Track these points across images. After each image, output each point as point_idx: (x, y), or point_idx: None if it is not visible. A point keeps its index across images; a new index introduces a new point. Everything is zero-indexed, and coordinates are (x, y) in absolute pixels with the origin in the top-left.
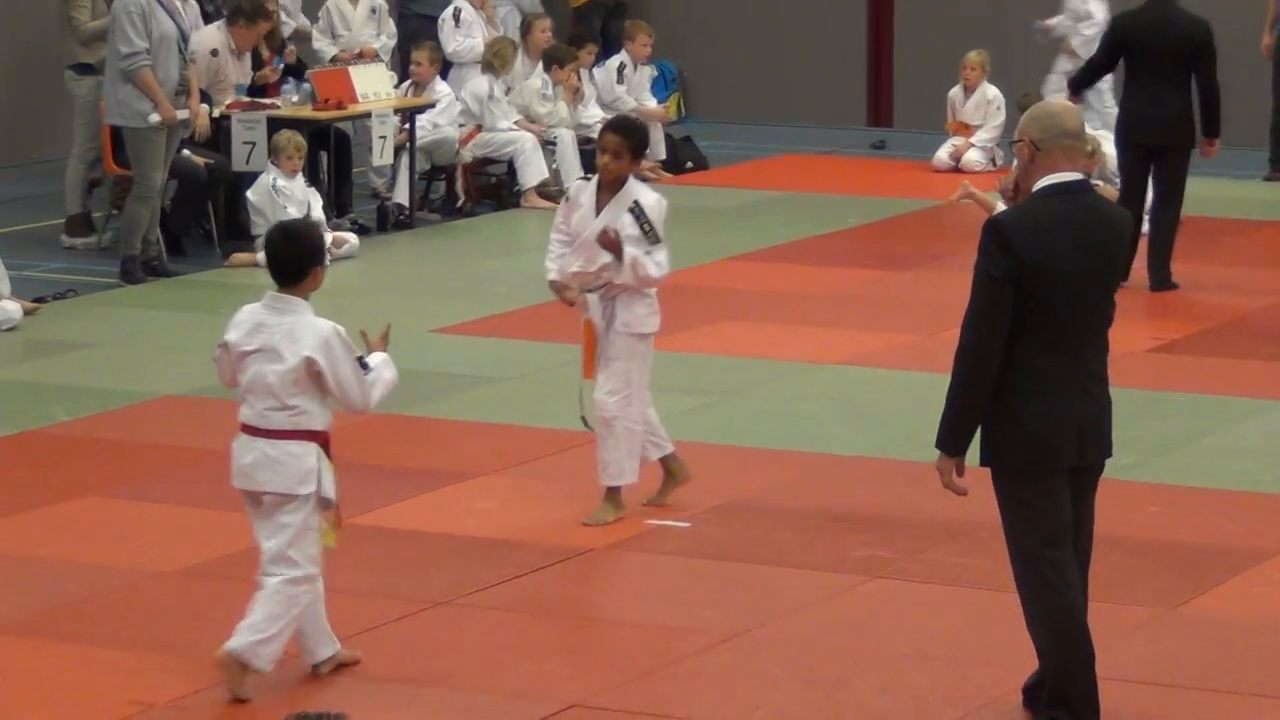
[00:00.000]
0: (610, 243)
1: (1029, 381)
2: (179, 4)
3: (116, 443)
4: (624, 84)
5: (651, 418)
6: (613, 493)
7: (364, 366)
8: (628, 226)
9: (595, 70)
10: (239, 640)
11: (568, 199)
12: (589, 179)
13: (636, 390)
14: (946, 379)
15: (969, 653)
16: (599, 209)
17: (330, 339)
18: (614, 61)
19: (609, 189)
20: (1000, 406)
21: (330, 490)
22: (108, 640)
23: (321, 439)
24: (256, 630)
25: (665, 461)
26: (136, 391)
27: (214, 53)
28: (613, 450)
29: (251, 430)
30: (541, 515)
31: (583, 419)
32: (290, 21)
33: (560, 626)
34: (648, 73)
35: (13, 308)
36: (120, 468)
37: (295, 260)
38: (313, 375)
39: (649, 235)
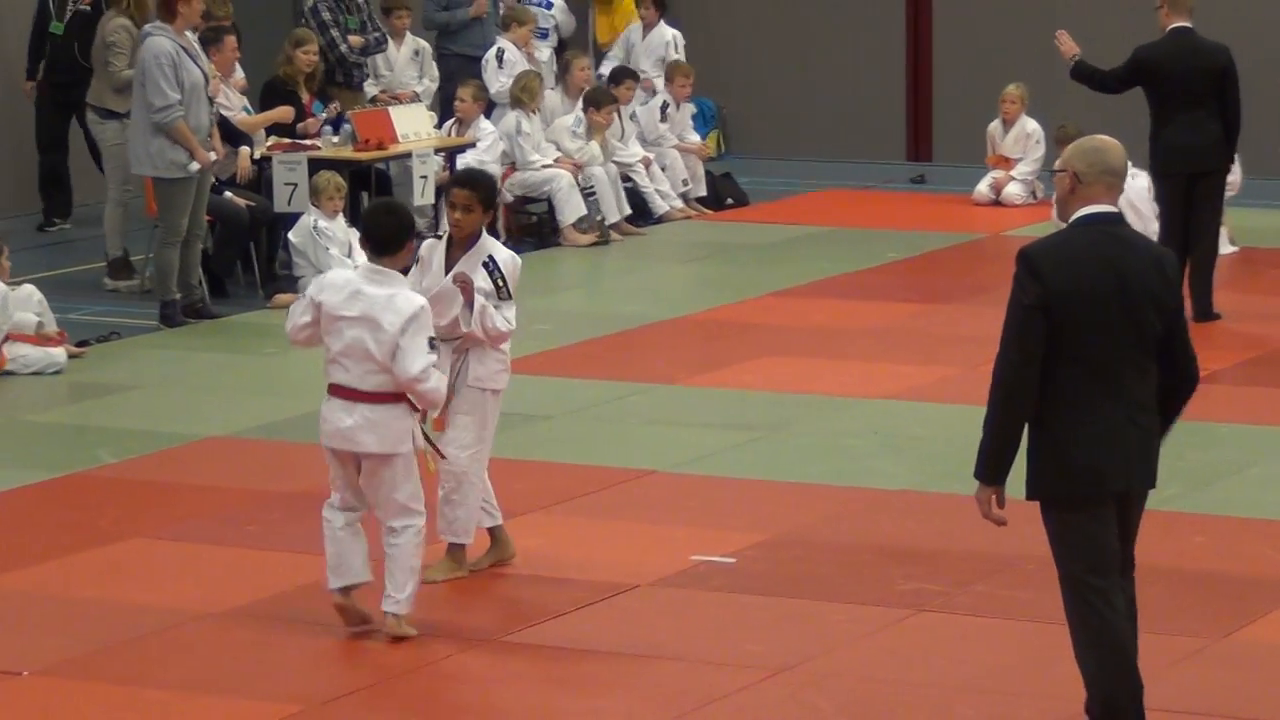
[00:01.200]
0: (464, 286)
1: (1073, 410)
2: (198, 47)
3: (162, 484)
4: (666, 121)
5: (487, 483)
6: (457, 550)
7: (431, 347)
8: (481, 280)
9: (638, 108)
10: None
11: (419, 260)
12: (440, 237)
13: (486, 446)
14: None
15: (1016, 685)
16: (449, 267)
17: (420, 314)
18: (656, 101)
19: (460, 246)
20: (1045, 436)
21: (420, 440)
22: (155, 681)
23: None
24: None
25: (493, 531)
26: (181, 433)
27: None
28: (461, 507)
29: (350, 393)
30: (587, 552)
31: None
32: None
33: (607, 663)
34: (689, 110)
35: (57, 351)
36: (166, 509)
37: (395, 232)
38: (393, 343)
39: (500, 290)
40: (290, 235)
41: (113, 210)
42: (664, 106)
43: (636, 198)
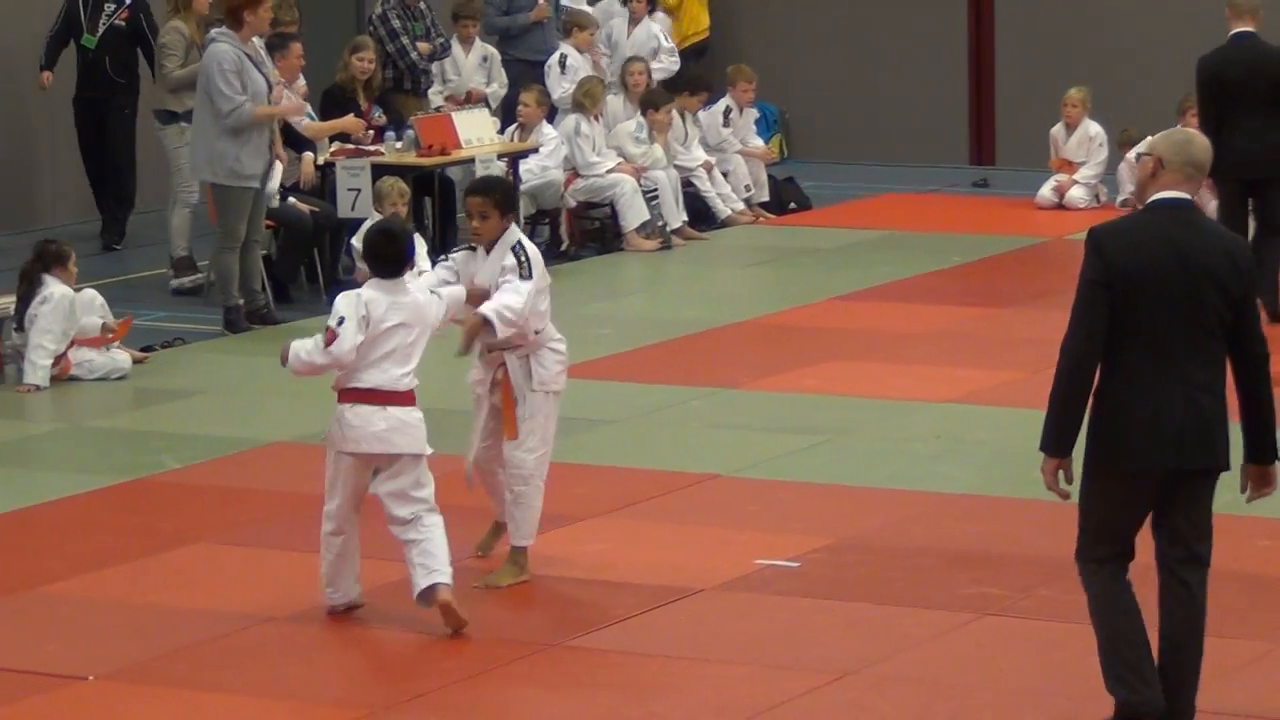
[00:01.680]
0: (475, 328)
1: (1130, 387)
2: (263, 54)
3: (226, 489)
4: (729, 126)
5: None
6: (519, 553)
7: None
8: (508, 260)
9: (700, 113)
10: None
11: (456, 275)
12: (473, 249)
13: (549, 448)
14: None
15: (1081, 689)
16: (483, 274)
17: (436, 308)
18: (719, 105)
19: (488, 252)
20: (1103, 409)
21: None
22: (220, 686)
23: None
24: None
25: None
26: (245, 438)
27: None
28: (526, 509)
29: (385, 397)
30: (651, 556)
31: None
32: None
33: (670, 667)
34: (751, 115)
35: (121, 357)
36: (231, 514)
37: (398, 254)
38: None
39: (522, 267)
40: (353, 240)
41: (181, 211)
42: (726, 111)
43: (698, 202)
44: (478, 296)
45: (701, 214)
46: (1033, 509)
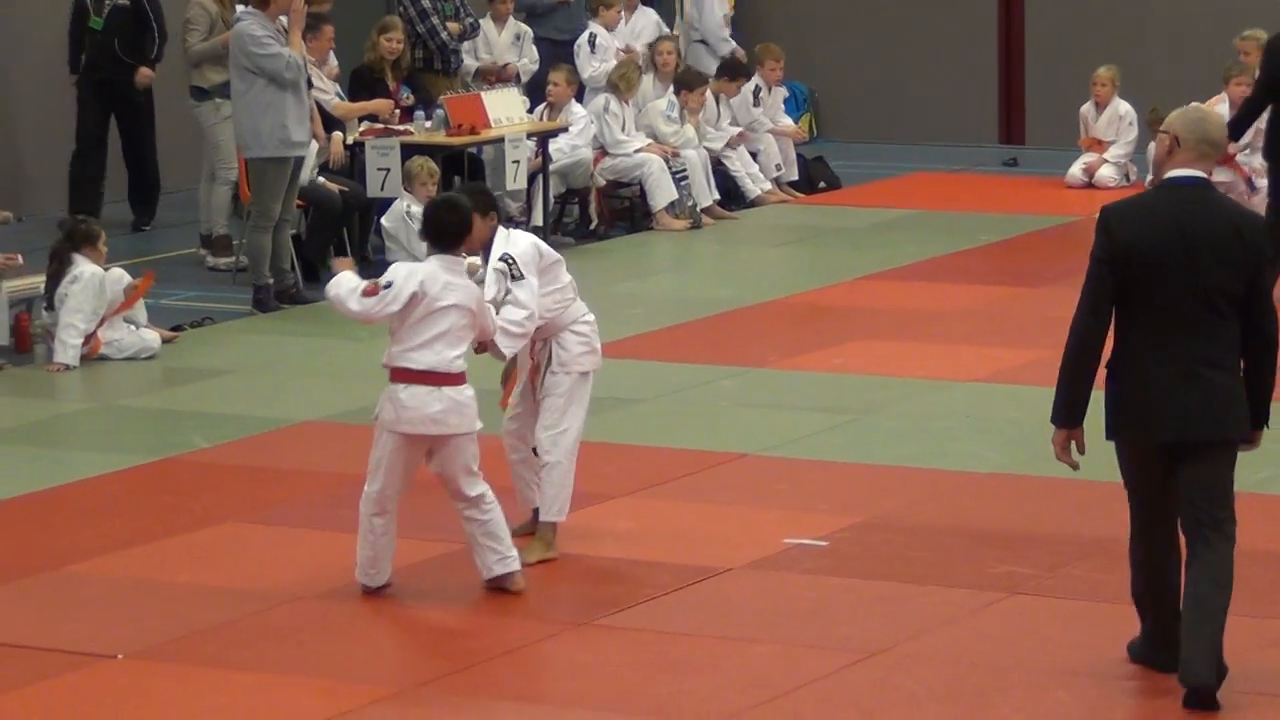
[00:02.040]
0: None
1: (1137, 361)
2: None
3: (256, 468)
4: (759, 106)
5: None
6: (547, 530)
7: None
8: (495, 264)
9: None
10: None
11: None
12: (522, 223)
13: (574, 428)
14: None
15: (1110, 667)
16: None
17: (481, 294)
18: (749, 85)
19: (485, 258)
20: (1113, 384)
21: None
22: (249, 664)
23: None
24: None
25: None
26: (275, 418)
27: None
28: (551, 486)
29: (437, 378)
30: (680, 535)
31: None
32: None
33: (699, 646)
34: (780, 94)
35: (151, 336)
36: (259, 493)
37: (458, 227)
38: (480, 324)
39: (512, 269)
40: (383, 220)
41: (219, 189)
42: (756, 91)
43: (728, 182)
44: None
45: (731, 193)
46: (1060, 488)
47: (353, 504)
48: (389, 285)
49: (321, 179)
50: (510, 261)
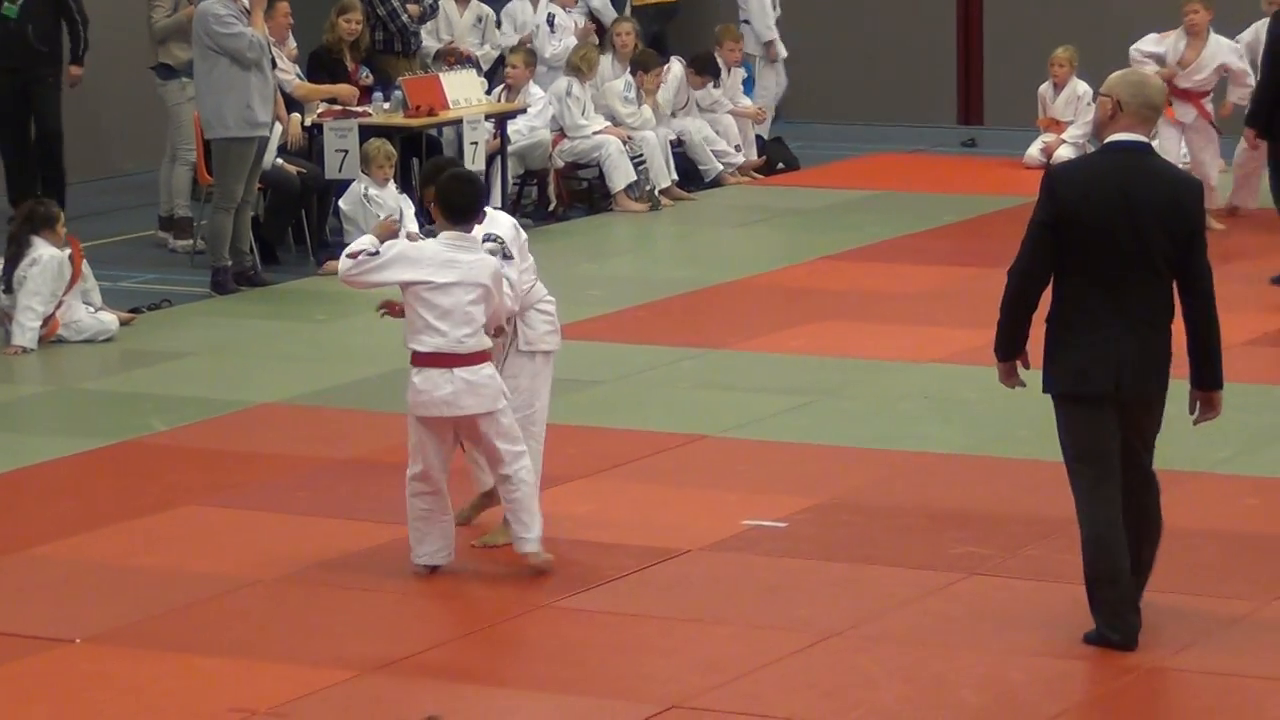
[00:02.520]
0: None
1: (1077, 317)
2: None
3: (214, 451)
4: (719, 87)
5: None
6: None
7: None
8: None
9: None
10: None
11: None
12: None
13: (541, 408)
14: (1041, 374)
15: (1068, 648)
16: None
17: (499, 269)
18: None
19: None
20: (1054, 339)
21: None
22: (208, 648)
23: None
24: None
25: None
26: (233, 400)
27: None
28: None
29: (448, 359)
30: (639, 517)
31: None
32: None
33: (658, 627)
34: (739, 74)
35: (109, 318)
36: (218, 476)
37: (473, 201)
38: (494, 301)
39: (504, 248)
40: (341, 202)
41: (180, 170)
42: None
43: (687, 163)
44: None
45: (690, 174)
46: (1021, 469)
47: (311, 486)
48: (376, 254)
49: (280, 161)
50: (499, 241)
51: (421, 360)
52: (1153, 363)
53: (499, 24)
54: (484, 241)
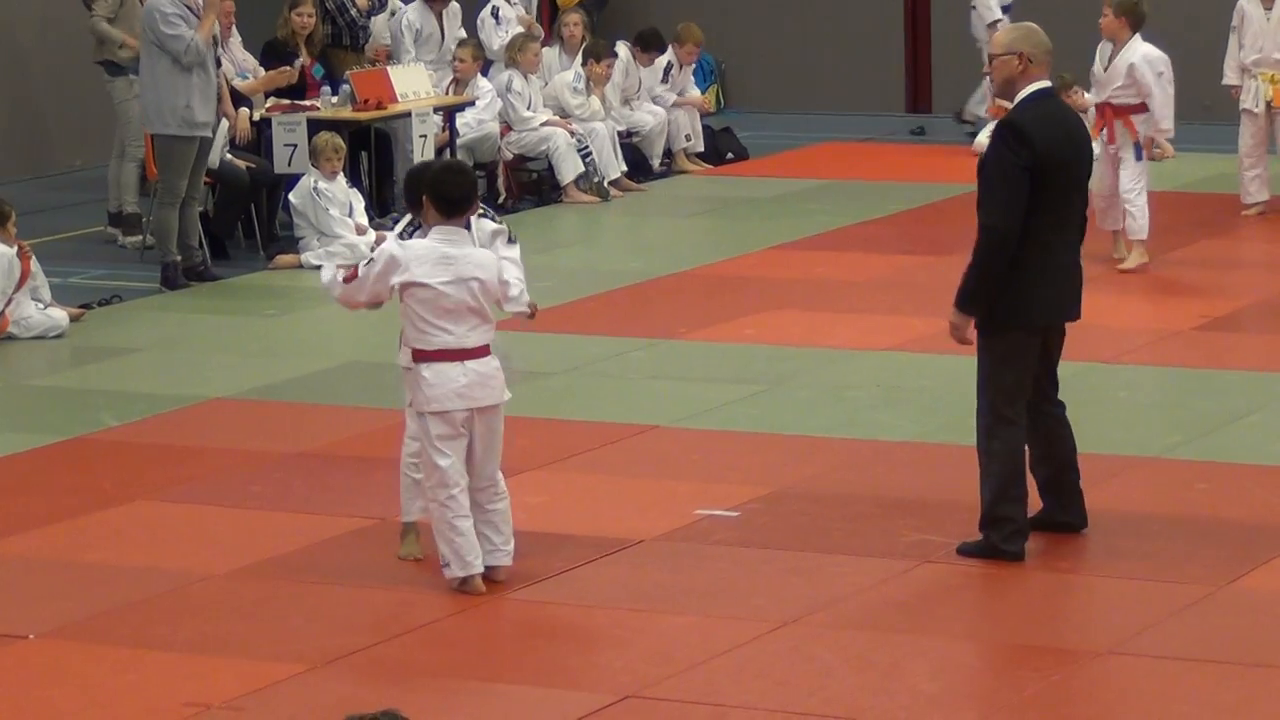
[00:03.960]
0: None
1: (1042, 254)
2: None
3: (165, 447)
4: (668, 83)
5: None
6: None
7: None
8: (485, 225)
9: (643, 70)
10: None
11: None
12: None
13: None
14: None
15: (1022, 636)
16: None
17: (497, 260)
18: (661, 62)
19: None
20: (1018, 274)
21: None
22: (162, 643)
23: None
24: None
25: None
26: (185, 395)
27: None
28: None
29: (457, 354)
30: (590, 508)
31: None
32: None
33: (612, 618)
34: (690, 69)
35: (59, 314)
36: (169, 471)
37: (467, 192)
38: (494, 293)
39: (511, 232)
40: (290, 196)
41: (128, 166)
42: (668, 68)
43: (636, 154)
44: None
45: (639, 165)
46: (971, 456)
47: (263, 480)
48: (370, 263)
49: (229, 155)
50: (493, 217)
51: (429, 356)
52: (1079, 294)
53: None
54: (500, 232)
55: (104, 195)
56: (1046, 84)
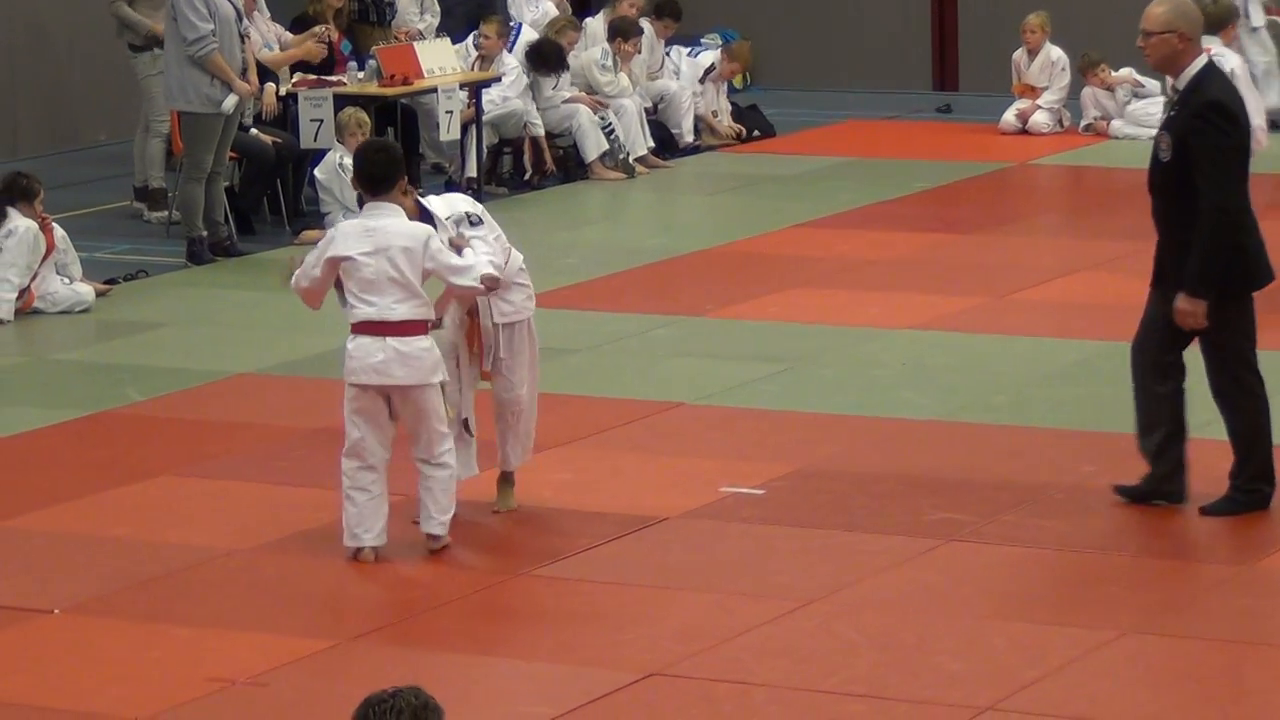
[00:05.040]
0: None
1: (1251, 223)
2: None
3: (190, 422)
4: (703, 84)
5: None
6: (509, 479)
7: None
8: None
9: (686, 55)
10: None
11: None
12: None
13: (535, 373)
14: (1017, 340)
15: (1045, 614)
16: None
17: (431, 233)
18: (704, 58)
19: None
20: (1248, 243)
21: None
22: (185, 618)
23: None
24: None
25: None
26: (209, 370)
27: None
28: (516, 437)
29: (378, 327)
30: (616, 485)
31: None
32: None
33: (637, 595)
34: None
35: (85, 290)
36: (194, 446)
37: (387, 169)
38: (421, 263)
39: (469, 217)
40: (316, 172)
41: (154, 142)
42: (709, 70)
43: (662, 130)
44: None
45: (666, 142)
46: (996, 435)
47: (287, 455)
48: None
49: (254, 130)
50: (463, 214)
51: (356, 329)
52: None
53: None
54: (460, 219)
55: (129, 170)
56: (1205, 57)
